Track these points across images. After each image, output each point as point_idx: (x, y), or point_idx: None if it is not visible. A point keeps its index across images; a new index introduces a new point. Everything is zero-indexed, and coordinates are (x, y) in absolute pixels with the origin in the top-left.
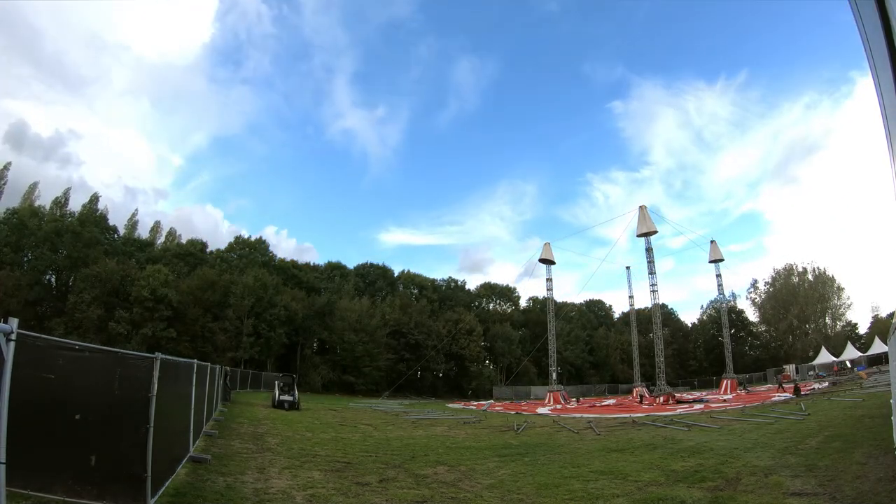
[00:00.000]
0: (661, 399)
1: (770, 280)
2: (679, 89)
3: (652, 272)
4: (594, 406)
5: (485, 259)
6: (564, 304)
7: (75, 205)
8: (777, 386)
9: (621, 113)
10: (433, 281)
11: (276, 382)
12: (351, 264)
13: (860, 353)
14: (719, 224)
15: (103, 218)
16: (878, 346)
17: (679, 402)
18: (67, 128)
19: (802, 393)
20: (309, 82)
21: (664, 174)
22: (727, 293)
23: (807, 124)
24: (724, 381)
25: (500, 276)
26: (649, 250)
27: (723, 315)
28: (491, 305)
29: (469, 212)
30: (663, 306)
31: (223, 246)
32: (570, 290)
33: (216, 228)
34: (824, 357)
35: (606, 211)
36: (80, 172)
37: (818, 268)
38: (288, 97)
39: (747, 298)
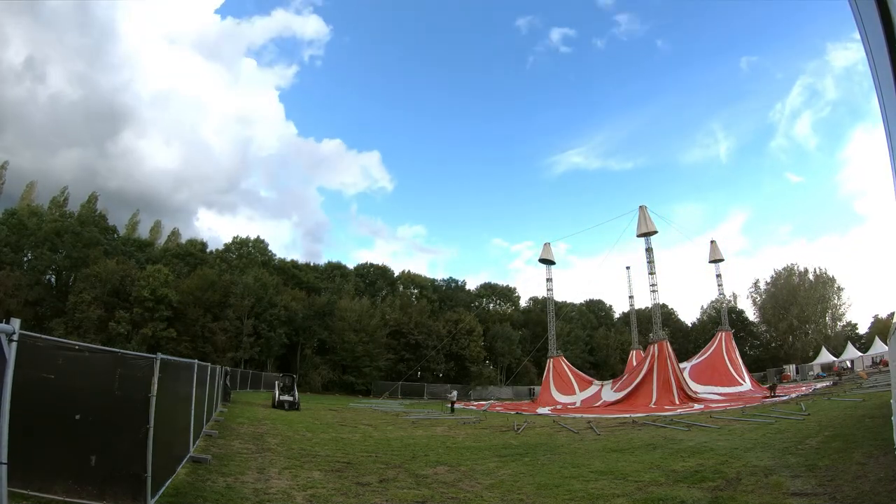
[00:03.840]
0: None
1: (770, 280)
2: None
3: (652, 272)
4: (594, 406)
5: None
6: (564, 304)
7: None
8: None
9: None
10: (433, 281)
11: (277, 383)
12: None
13: (860, 353)
14: (719, 224)
15: (103, 218)
16: (878, 346)
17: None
18: None
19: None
20: None
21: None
22: (727, 293)
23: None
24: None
25: None
26: (649, 250)
27: (723, 315)
28: (491, 305)
29: None
30: (663, 306)
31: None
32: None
33: None
34: (824, 357)
35: None
36: None
37: (818, 268)
38: None
39: (748, 298)
